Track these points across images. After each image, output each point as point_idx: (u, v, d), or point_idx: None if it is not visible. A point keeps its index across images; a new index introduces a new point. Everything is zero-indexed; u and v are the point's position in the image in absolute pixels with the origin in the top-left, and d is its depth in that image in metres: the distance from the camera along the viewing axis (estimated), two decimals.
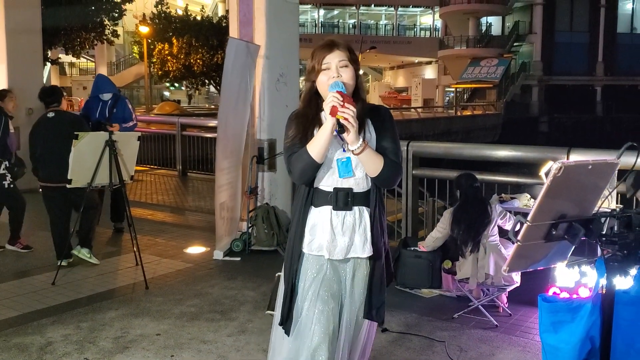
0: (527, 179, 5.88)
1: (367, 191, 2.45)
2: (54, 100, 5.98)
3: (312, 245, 2.46)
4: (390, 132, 2.46)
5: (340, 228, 2.43)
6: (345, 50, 2.43)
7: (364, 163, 2.38)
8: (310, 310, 2.44)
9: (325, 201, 2.44)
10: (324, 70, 2.42)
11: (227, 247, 6.29)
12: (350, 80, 2.40)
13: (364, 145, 2.32)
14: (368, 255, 2.44)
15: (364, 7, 49.04)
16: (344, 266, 2.49)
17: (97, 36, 24.38)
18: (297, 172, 2.44)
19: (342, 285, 2.49)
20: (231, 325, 4.40)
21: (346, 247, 2.43)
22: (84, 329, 4.30)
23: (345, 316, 2.48)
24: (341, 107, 2.24)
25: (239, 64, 6.18)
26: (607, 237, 1.88)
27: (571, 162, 1.68)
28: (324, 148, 2.35)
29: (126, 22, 37.55)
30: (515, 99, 39.86)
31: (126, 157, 5.57)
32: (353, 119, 2.25)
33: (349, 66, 2.41)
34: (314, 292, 2.45)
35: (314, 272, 2.47)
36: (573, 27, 41.80)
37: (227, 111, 6.22)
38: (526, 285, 4.65)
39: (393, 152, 2.42)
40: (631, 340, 2.19)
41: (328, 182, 2.44)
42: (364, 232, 2.44)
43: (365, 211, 2.45)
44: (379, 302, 2.50)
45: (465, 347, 4.06)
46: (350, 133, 2.28)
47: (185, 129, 11.96)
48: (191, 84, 33.86)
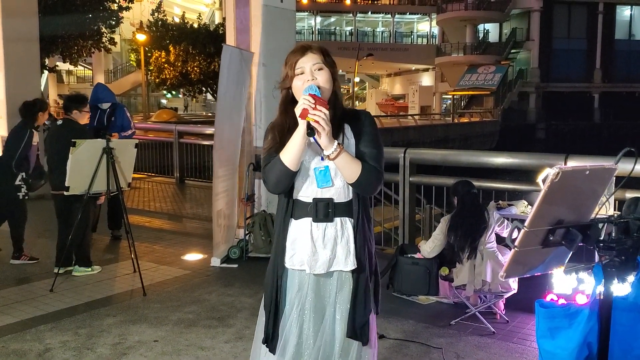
0: (524, 185, 5.89)
1: (349, 201, 2.32)
2: (69, 108, 5.90)
3: (294, 259, 2.33)
4: (370, 136, 2.33)
5: (321, 241, 2.30)
6: (319, 52, 2.33)
7: (340, 169, 2.25)
8: (294, 327, 2.34)
9: (305, 213, 2.32)
10: (297, 75, 2.32)
11: (225, 254, 6.29)
12: (326, 84, 2.29)
13: (339, 149, 2.20)
14: (352, 269, 2.31)
15: (361, 14, 49.19)
16: (328, 281, 2.35)
17: (94, 44, 24.40)
18: (271, 181, 2.31)
19: (327, 301, 2.35)
20: (229, 331, 4.39)
21: (328, 261, 2.30)
22: (82, 336, 4.29)
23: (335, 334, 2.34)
24: (312, 109, 2.14)
25: (233, 72, 6.19)
26: (604, 243, 1.87)
27: (568, 167, 1.68)
28: (296, 154, 2.23)
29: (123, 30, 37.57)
30: (513, 106, 39.93)
31: (124, 165, 5.56)
32: (325, 122, 2.14)
33: (324, 69, 2.30)
34: (298, 308, 2.34)
35: (297, 287, 2.36)
36: (570, 34, 41.91)
37: (223, 119, 6.23)
38: (523, 292, 4.65)
39: (372, 157, 2.29)
40: (629, 347, 2.19)
41: (307, 193, 2.32)
42: (346, 244, 2.30)
43: (348, 222, 2.32)
44: (362, 319, 2.33)
45: (462, 354, 4.05)
46: (322, 136, 2.17)
47: (182, 137, 11.97)
48: (188, 92, 33.90)
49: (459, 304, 4.88)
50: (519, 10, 41.33)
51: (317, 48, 2.36)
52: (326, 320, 2.34)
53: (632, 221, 1.91)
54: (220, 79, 6.04)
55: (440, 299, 5.03)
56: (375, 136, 2.34)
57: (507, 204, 5.44)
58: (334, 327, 2.34)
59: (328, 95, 2.30)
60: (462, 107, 42.97)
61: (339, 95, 2.38)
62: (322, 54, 2.33)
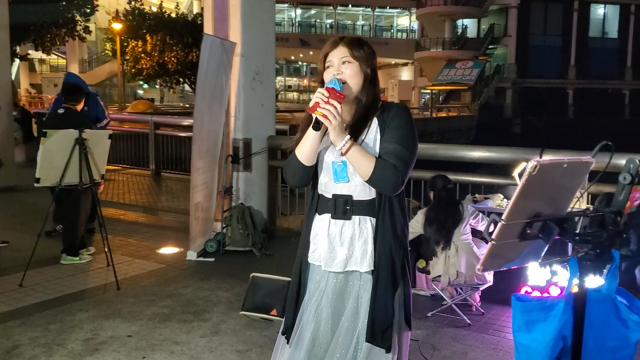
0: (500, 179, 5.93)
1: (371, 200, 2.26)
2: (73, 99, 5.97)
3: (315, 255, 2.34)
4: (397, 131, 2.23)
5: (338, 238, 2.28)
6: (347, 45, 2.27)
7: (352, 164, 2.20)
8: (310, 324, 2.32)
9: (326, 208, 2.31)
10: (327, 69, 2.29)
11: (201, 247, 6.23)
12: (352, 78, 2.24)
13: (350, 144, 2.15)
14: (367, 270, 2.26)
15: (341, 7, 49.14)
16: (348, 280, 2.31)
17: (68, 32, 24.02)
18: (288, 175, 2.35)
19: (346, 301, 2.31)
20: (204, 326, 4.35)
21: (345, 259, 2.26)
22: (53, 331, 4.21)
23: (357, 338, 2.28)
24: (324, 103, 2.11)
25: (214, 62, 6.12)
26: (580, 236, 1.87)
27: (547, 160, 1.67)
28: (309, 149, 2.23)
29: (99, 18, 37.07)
30: (490, 101, 40.23)
31: (97, 156, 5.47)
32: (333, 116, 2.11)
33: (351, 62, 2.25)
34: (315, 305, 2.33)
35: (317, 282, 2.35)
36: (547, 31, 42.32)
37: (203, 110, 6.15)
38: (498, 284, 4.69)
39: (393, 153, 2.19)
40: (602, 339, 2.20)
41: (328, 188, 2.31)
42: (364, 244, 2.25)
43: (369, 221, 2.26)
44: (384, 324, 2.24)
45: (438, 345, 4.07)
46: (330, 131, 2.14)
47: (158, 128, 11.83)
48: (165, 82, 33.56)
49: (436, 296, 4.90)
50: (497, 6, 41.60)
51: (347, 41, 2.30)
52: (344, 322, 2.30)
53: (608, 214, 1.92)
54: (200, 69, 5.96)
55: (417, 292, 5.05)
56: (403, 132, 2.23)
57: (484, 198, 5.48)
58: (353, 329, 2.29)
59: (356, 89, 2.26)
60: (440, 102, 43.17)
61: (371, 89, 2.29)
62: (350, 47, 2.27)
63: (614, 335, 2.21)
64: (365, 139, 2.25)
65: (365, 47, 2.30)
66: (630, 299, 2.28)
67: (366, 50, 2.30)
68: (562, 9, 42.13)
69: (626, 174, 1.88)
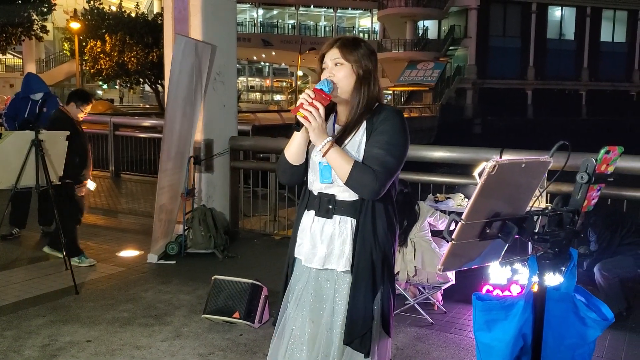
0: (461, 179, 5.99)
1: (354, 201, 2.26)
2: (69, 99, 5.87)
3: (300, 249, 2.37)
4: (382, 136, 2.21)
5: (319, 236, 2.30)
6: (341, 47, 2.28)
7: (332, 166, 2.20)
8: (290, 319, 2.35)
9: (312, 205, 2.34)
10: (323, 70, 2.30)
11: (162, 250, 6.14)
12: (344, 80, 2.25)
13: (329, 145, 2.16)
14: (344, 270, 2.26)
15: (303, 7, 49.15)
16: (327, 278, 2.32)
17: (24, 32, 23.53)
18: (278, 173, 2.42)
19: (325, 300, 2.32)
20: (165, 329, 4.29)
21: (324, 257, 2.28)
22: (8, 338, 4.09)
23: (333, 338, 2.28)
24: (308, 104, 2.14)
25: (187, 63, 6.03)
26: (539, 236, 1.90)
27: (505, 160, 1.69)
28: (295, 148, 2.28)
29: (56, 17, 36.40)
30: (451, 101, 40.74)
31: (54, 158, 5.34)
32: (313, 118, 2.13)
33: (343, 64, 2.26)
34: (296, 299, 2.36)
35: (299, 277, 2.38)
36: (506, 32, 43.07)
37: (175, 111, 6.06)
38: (460, 283, 4.73)
39: (375, 158, 2.18)
40: (561, 337, 2.23)
41: (315, 186, 2.34)
42: (342, 244, 2.26)
43: (349, 222, 2.27)
44: (362, 328, 2.22)
45: (401, 345, 4.08)
46: (310, 132, 2.16)
47: (118, 129, 11.63)
48: (125, 83, 33.07)
49: (398, 295, 4.91)
50: (457, 8, 42.15)
51: (341, 42, 2.30)
52: (323, 321, 2.31)
53: (565, 214, 1.94)
54: (172, 70, 5.87)
55: None
56: (388, 137, 2.21)
57: (445, 197, 5.52)
58: (331, 329, 2.30)
59: (348, 90, 2.27)
60: (402, 103, 43.54)
61: (366, 90, 2.28)
62: (341, 49, 2.28)
63: (572, 333, 2.24)
64: (350, 142, 2.25)
65: (359, 48, 2.30)
66: (588, 297, 2.32)
67: (360, 51, 2.29)
68: (520, 11, 42.93)
69: (583, 173, 1.91)
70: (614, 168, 2.00)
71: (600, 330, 2.29)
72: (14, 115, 6.94)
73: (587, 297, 2.32)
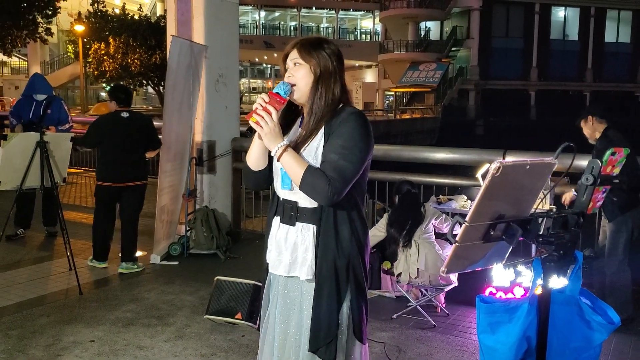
0: (463, 180, 5.99)
1: (316, 207, 2.19)
2: (127, 100, 5.85)
3: (269, 255, 2.34)
4: (339, 140, 2.11)
5: (283, 243, 2.26)
6: (300, 47, 2.21)
7: (286, 171, 2.15)
8: (267, 324, 2.36)
9: (278, 211, 2.31)
10: (286, 71, 2.25)
11: (165, 251, 6.15)
12: (301, 80, 2.18)
13: (282, 150, 2.10)
14: (307, 278, 2.21)
15: (305, 9, 49.12)
16: (294, 286, 2.29)
17: (29, 34, 23.56)
18: (243, 178, 2.42)
19: (293, 307, 2.29)
20: (168, 330, 4.29)
21: (289, 265, 2.25)
22: (13, 337, 4.11)
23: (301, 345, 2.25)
24: (262, 109, 2.09)
25: (183, 65, 6.05)
26: (544, 238, 1.89)
27: (509, 161, 1.68)
28: (255, 154, 2.25)
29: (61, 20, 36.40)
30: (453, 102, 40.65)
31: (58, 159, 5.36)
32: (264, 123, 2.08)
33: (301, 64, 2.19)
34: (268, 307, 2.37)
35: (272, 283, 2.37)
36: (509, 33, 42.96)
37: (172, 113, 6.07)
38: (463, 285, 4.72)
39: (329, 163, 2.09)
40: (566, 340, 2.22)
41: (278, 193, 2.30)
42: (305, 252, 2.21)
43: (311, 229, 2.21)
44: (326, 335, 2.17)
45: (403, 347, 4.08)
46: (262, 137, 2.11)
47: None
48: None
49: (401, 297, 4.92)
50: (459, 9, 42.08)
51: (300, 42, 2.24)
52: (291, 328, 2.28)
53: (570, 215, 1.94)
54: (169, 72, 5.89)
55: (382, 293, 5.07)
56: (344, 140, 2.11)
57: (447, 199, 5.52)
58: (299, 336, 2.26)
59: (305, 91, 2.20)
60: (404, 104, 43.49)
61: (324, 90, 2.19)
62: (299, 49, 2.21)
63: (577, 337, 2.23)
64: (308, 147, 2.18)
65: (320, 49, 2.22)
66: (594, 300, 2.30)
67: (321, 51, 2.21)
68: (523, 12, 42.81)
69: (588, 175, 1.90)
70: (619, 170, 2.00)
71: (606, 334, 2.27)
72: (19, 116, 6.96)
73: (592, 300, 2.30)
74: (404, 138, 30.21)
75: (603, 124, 4.61)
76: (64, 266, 5.70)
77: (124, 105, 5.79)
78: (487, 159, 5.46)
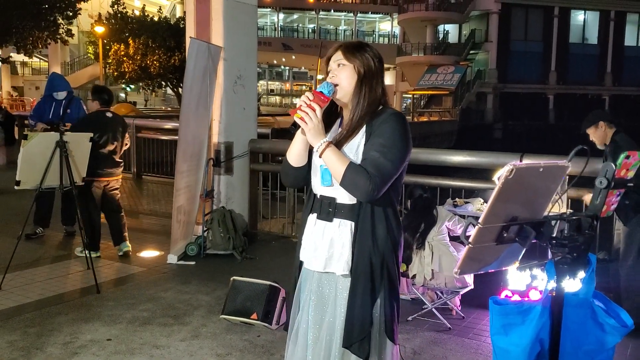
0: (480, 183, 5.97)
1: (354, 204, 2.24)
2: (109, 102, 6.33)
3: (303, 252, 2.37)
4: (380, 138, 2.18)
5: (320, 239, 2.30)
6: (342, 49, 2.29)
7: (327, 167, 2.20)
8: (304, 326, 2.36)
9: (315, 208, 2.34)
10: (328, 73, 2.31)
11: (182, 251, 6.20)
12: (344, 81, 2.25)
13: (325, 146, 2.16)
14: (343, 274, 2.26)
15: (324, 12, 49.21)
16: (328, 282, 2.32)
17: (50, 35, 23.87)
18: (282, 176, 2.42)
19: (326, 303, 2.32)
20: (184, 329, 4.33)
21: (325, 260, 2.28)
22: (32, 335, 4.17)
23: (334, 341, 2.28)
24: (306, 106, 2.15)
25: (200, 66, 6.10)
26: (557, 240, 1.89)
27: (522, 164, 1.69)
28: (296, 150, 2.29)
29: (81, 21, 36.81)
30: (471, 106, 40.50)
31: (77, 159, 5.44)
32: (309, 119, 2.14)
33: (345, 64, 2.27)
34: (303, 303, 2.37)
35: (305, 280, 2.38)
36: (527, 37, 42.72)
37: (188, 114, 6.13)
38: (479, 288, 4.71)
39: (370, 161, 2.15)
40: (579, 343, 2.22)
41: (316, 189, 2.34)
42: (341, 247, 2.25)
43: (349, 225, 2.25)
44: (360, 332, 2.21)
45: (418, 349, 4.08)
46: (306, 133, 2.17)
47: (140, 131, 11.75)
48: (147, 86, 33.37)
49: (416, 300, 4.92)
50: (478, 12, 41.92)
51: (343, 45, 2.31)
52: (325, 323, 2.31)
53: (584, 218, 1.94)
54: (186, 73, 5.94)
55: None
56: (386, 139, 2.18)
57: (464, 202, 5.51)
58: (332, 332, 2.29)
59: (349, 90, 2.26)
60: (422, 107, 43.39)
61: (367, 91, 2.26)
62: (343, 51, 2.29)
63: (591, 339, 2.23)
64: (349, 144, 2.24)
65: (364, 51, 2.30)
66: (607, 302, 2.30)
67: (364, 53, 2.29)
68: (542, 15, 42.55)
69: (602, 178, 1.90)
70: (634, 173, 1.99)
71: (619, 337, 2.27)
72: (40, 116, 7.07)
73: (606, 303, 2.30)
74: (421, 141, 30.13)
75: (612, 129, 4.63)
76: (82, 265, 5.77)
77: (106, 106, 6.26)
78: (504, 162, 5.37)
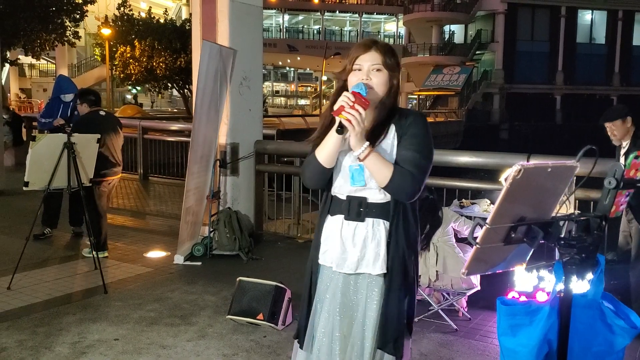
0: (487, 184, 5.95)
1: (386, 202, 2.25)
2: (97, 101, 6.48)
3: (326, 256, 2.31)
4: (414, 139, 2.22)
5: (350, 240, 2.26)
6: (382, 53, 2.24)
7: (370, 171, 2.19)
8: (322, 327, 2.30)
9: (340, 210, 2.29)
10: (354, 71, 2.25)
11: (188, 251, 6.21)
12: (380, 86, 2.23)
13: (368, 151, 2.14)
14: (380, 273, 2.23)
15: (329, 13, 49.25)
16: (358, 283, 2.28)
17: (57, 37, 23.98)
18: (306, 176, 2.33)
19: (355, 305, 2.29)
20: (191, 330, 4.34)
21: (356, 261, 2.24)
22: (40, 334, 4.19)
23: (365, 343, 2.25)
24: (349, 107, 2.10)
25: (212, 68, 6.11)
26: (565, 241, 1.88)
27: (530, 164, 1.68)
28: (329, 151, 2.22)
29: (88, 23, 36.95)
30: (477, 106, 40.40)
31: (85, 160, 5.46)
32: (356, 122, 2.09)
33: (381, 70, 2.23)
34: (328, 309, 2.31)
35: (327, 285, 2.33)
36: (534, 37, 42.57)
37: (200, 116, 6.14)
38: (486, 289, 4.70)
39: (410, 161, 2.19)
40: (588, 344, 2.21)
41: (343, 190, 2.29)
42: (376, 246, 2.23)
43: (382, 224, 2.25)
44: (395, 332, 2.21)
45: (425, 351, 4.07)
46: (352, 136, 2.13)
47: (147, 132, 11.80)
48: (153, 87, 33.46)
49: (423, 301, 4.90)
50: (484, 12, 41.81)
51: (382, 47, 2.27)
52: (355, 326, 2.28)
53: (592, 219, 1.93)
54: (199, 75, 5.95)
55: None
56: (420, 139, 2.23)
57: (471, 203, 5.50)
58: (362, 334, 2.26)
59: (379, 97, 2.24)
60: (428, 107, 43.31)
61: (392, 99, 2.29)
62: (384, 55, 2.24)
63: (600, 341, 2.21)
64: (382, 145, 2.23)
65: (395, 58, 2.29)
66: (616, 304, 2.28)
67: (395, 60, 2.28)
68: (549, 15, 42.40)
69: (611, 178, 1.89)
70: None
71: (629, 339, 2.25)
72: (49, 117, 7.12)
73: (615, 304, 2.29)
74: None
75: (634, 127, 4.61)
76: (89, 265, 5.79)
77: (96, 106, 6.37)
78: (511, 163, 5.36)
